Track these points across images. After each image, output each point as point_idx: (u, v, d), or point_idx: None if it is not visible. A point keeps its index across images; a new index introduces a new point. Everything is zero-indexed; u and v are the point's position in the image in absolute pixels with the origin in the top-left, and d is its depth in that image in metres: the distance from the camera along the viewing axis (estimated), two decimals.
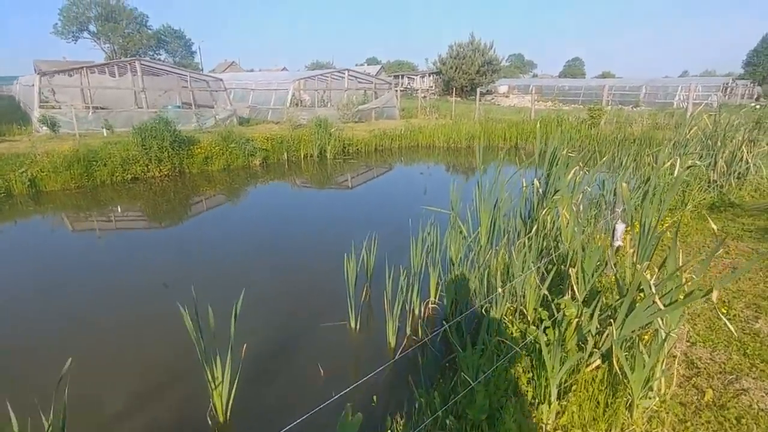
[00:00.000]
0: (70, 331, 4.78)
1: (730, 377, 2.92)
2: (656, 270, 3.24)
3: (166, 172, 12.84)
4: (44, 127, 14.99)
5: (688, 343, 3.31)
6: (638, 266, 2.57)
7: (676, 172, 3.23)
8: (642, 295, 2.55)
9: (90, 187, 11.44)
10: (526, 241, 4.09)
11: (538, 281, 3.56)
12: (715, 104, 31.83)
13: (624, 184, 3.08)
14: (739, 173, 7.66)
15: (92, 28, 69.99)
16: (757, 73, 55.29)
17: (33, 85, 16.76)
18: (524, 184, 4.80)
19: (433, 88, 49.55)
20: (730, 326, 2.68)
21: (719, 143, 7.28)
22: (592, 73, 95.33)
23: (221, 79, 21.54)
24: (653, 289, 2.40)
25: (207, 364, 3.14)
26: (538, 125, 5.74)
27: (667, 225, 6.02)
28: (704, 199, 6.95)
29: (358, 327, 4.55)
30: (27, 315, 5.15)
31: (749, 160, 7.56)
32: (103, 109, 18.78)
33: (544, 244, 4.19)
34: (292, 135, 15.99)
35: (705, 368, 3.04)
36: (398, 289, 4.50)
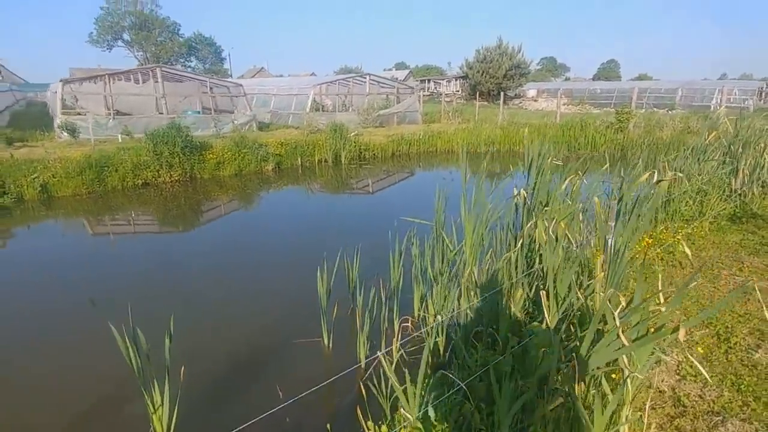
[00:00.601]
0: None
1: (717, 419, 2.54)
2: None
3: (176, 178, 12.91)
4: (65, 133, 15.32)
5: (678, 376, 2.94)
6: (601, 294, 2.25)
7: (656, 183, 2.86)
8: (608, 327, 2.22)
9: (101, 192, 11.57)
10: (512, 255, 3.78)
11: (510, 302, 3.24)
12: (751, 108, 30.44)
13: (596, 198, 2.74)
14: (764, 181, 7.09)
15: (126, 36, 72.23)
16: None
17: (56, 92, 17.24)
18: (515, 194, 4.46)
19: (460, 92, 49.07)
20: (703, 372, 2.32)
21: (741, 149, 6.75)
22: (627, 75, 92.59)
23: (241, 85, 21.71)
24: (617, 322, 2.08)
25: (147, 388, 2.94)
26: (526, 131, 5.33)
27: (676, 237, 5.58)
28: (724, 209, 6.43)
29: (331, 344, 4.31)
30: None
31: None
32: (124, 114, 19.19)
33: (529, 260, 3.86)
34: (307, 140, 15.90)
35: (692, 407, 2.67)
36: (377, 303, 4.26)
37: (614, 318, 2.08)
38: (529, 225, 3.72)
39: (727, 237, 5.80)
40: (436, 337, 3.78)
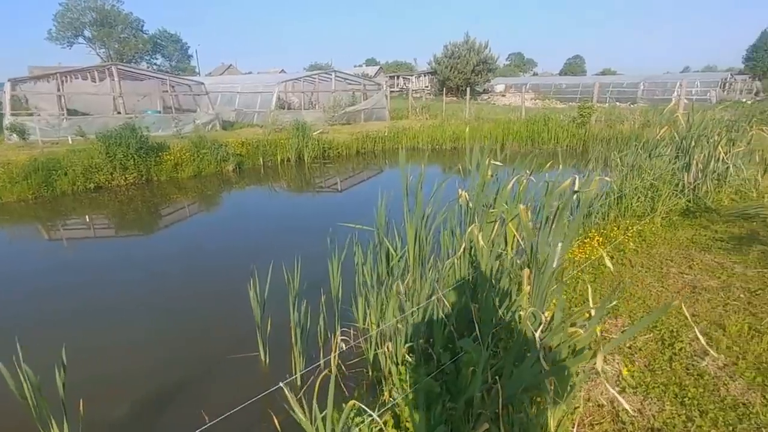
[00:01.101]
0: None
1: None
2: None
3: (132, 180, 12.41)
4: (14, 135, 14.58)
5: (618, 388, 2.80)
6: (523, 312, 2.08)
7: (577, 188, 2.68)
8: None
9: (49, 197, 11.00)
10: (455, 261, 3.59)
11: (442, 314, 3.05)
12: (713, 100, 31.22)
13: (521, 206, 2.56)
14: (719, 174, 7.11)
15: (87, 33, 69.82)
16: (756, 68, 54.61)
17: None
18: (460, 194, 4.25)
19: (429, 88, 49.04)
20: (625, 405, 2.17)
21: (693, 143, 6.73)
22: (593, 70, 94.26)
23: (203, 83, 21.08)
24: (537, 344, 1.90)
25: (44, 426, 2.64)
26: (468, 129, 5.12)
27: (627, 235, 5.50)
28: (676, 204, 6.41)
29: (268, 359, 4.06)
30: None
31: (728, 161, 7.01)
32: (79, 114, 18.44)
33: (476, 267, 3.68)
34: (268, 139, 15.51)
35: (630, 423, 2.52)
36: (322, 313, 4.02)
37: (535, 339, 1.90)
38: (469, 229, 3.53)
39: (679, 233, 5.76)
40: (375, 350, 3.58)
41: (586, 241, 5.32)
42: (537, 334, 1.91)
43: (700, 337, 2.04)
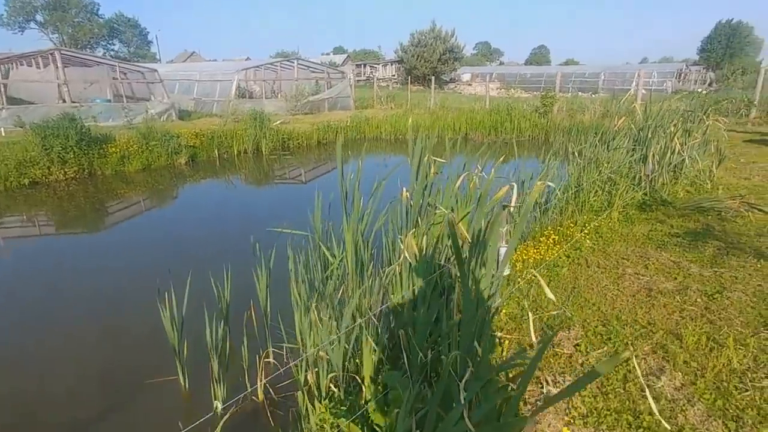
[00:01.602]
0: None
1: None
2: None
3: (72, 175, 11.58)
4: None
5: (568, 419, 2.50)
6: (447, 355, 1.76)
7: (514, 201, 2.32)
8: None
9: None
10: (396, 269, 3.23)
11: (372, 338, 2.68)
12: (669, 90, 31.83)
13: (449, 212, 2.21)
14: (675, 166, 6.98)
15: (39, 18, 66.23)
16: (710, 59, 56.18)
17: None
18: (403, 194, 3.87)
19: (395, 77, 48.54)
20: None
21: (649, 134, 6.56)
22: (557, 60, 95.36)
23: (156, 70, 20.06)
24: (462, 396, 1.55)
25: None
26: (410, 120, 4.78)
27: (582, 233, 5.27)
28: (633, 198, 6.23)
29: (188, 384, 3.62)
30: None
31: (683, 153, 6.88)
32: (29, 104, 17.27)
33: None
34: (224, 130, 14.80)
35: None
36: (249, 331, 3.61)
37: (458, 389, 1.56)
38: (406, 235, 3.16)
39: (636, 228, 5.56)
40: (305, 372, 3.19)
41: (541, 239, 5.06)
42: (461, 386, 1.56)
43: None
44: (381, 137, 17.65)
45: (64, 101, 16.86)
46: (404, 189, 3.54)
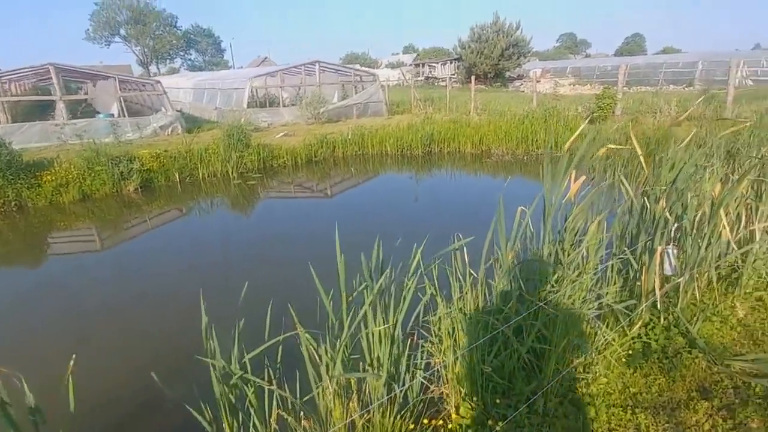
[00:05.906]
0: None
1: None
2: None
3: None
4: None
5: None
6: None
7: None
8: None
9: None
10: None
11: None
12: None
13: None
14: None
15: (123, 32, 70.39)
16: None
17: None
18: None
19: (455, 75, 44.94)
20: None
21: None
22: (653, 49, 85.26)
23: (159, 82, 18.64)
24: None
25: None
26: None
27: None
28: None
29: None
30: None
31: None
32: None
33: None
34: (189, 150, 12.68)
35: None
36: None
37: None
38: None
39: None
40: None
41: None
42: None
43: None
44: (386, 153, 14.74)
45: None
46: None
